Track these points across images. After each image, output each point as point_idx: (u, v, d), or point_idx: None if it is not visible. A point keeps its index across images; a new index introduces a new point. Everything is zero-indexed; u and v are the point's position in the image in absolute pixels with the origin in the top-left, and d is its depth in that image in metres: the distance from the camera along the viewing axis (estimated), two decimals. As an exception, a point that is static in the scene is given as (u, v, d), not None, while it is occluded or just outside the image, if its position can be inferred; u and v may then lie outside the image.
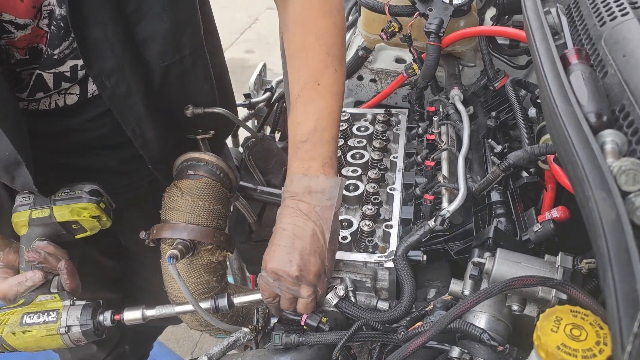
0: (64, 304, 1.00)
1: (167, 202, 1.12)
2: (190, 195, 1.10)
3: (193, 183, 1.12)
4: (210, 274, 1.12)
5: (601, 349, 0.62)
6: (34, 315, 0.98)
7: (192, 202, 1.09)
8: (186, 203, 1.09)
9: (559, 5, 0.99)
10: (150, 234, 1.11)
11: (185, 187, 1.11)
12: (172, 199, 1.11)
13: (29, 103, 1.02)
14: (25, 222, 1.05)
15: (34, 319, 0.97)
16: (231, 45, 5.26)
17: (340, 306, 0.93)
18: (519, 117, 1.09)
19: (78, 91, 1.04)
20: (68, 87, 1.02)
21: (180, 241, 1.07)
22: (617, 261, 0.53)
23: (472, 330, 0.77)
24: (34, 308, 0.99)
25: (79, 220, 1.06)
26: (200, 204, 1.09)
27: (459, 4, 1.30)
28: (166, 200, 1.12)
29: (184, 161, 1.16)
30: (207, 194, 1.11)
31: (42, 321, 0.97)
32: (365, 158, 1.21)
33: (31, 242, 1.04)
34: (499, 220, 0.99)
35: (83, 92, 1.04)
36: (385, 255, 0.97)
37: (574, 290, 0.73)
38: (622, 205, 0.56)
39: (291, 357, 0.92)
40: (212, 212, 1.11)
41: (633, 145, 0.65)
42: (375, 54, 1.62)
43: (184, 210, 1.09)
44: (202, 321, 1.18)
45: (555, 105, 0.70)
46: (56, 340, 0.98)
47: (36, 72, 0.97)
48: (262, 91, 1.84)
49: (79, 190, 1.07)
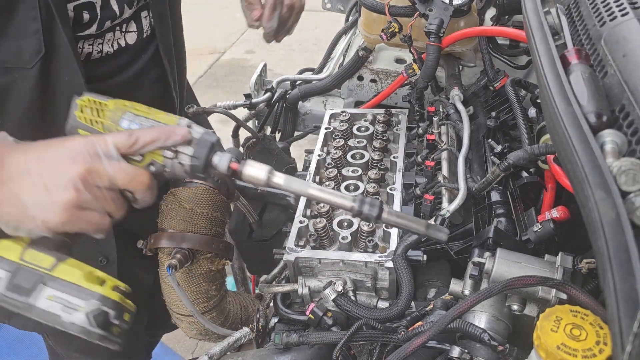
0: (179, 123, 0.83)
1: (165, 210, 1.11)
2: (188, 202, 1.09)
3: (190, 191, 1.11)
4: (209, 283, 1.12)
5: (601, 349, 0.63)
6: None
7: (189, 210, 1.09)
8: (183, 211, 1.09)
9: (559, 5, 0.99)
10: (148, 243, 1.11)
11: (182, 195, 1.11)
12: (169, 207, 1.10)
13: (95, 42, 1.06)
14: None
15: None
16: (231, 46, 5.26)
17: (338, 302, 0.93)
18: (519, 117, 1.09)
19: (135, 28, 1.14)
20: (129, 20, 1.12)
21: (179, 250, 1.06)
22: (617, 261, 0.53)
23: (472, 330, 0.77)
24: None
25: None
26: (198, 211, 1.09)
27: (459, 4, 1.30)
28: (163, 208, 1.12)
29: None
30: (205, 202, 1.11)
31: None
32: (366, 158, 1.21)
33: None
34: (499, 220, 0.99)
35: (139, 29, 1.15)
36: (386, 255, 0.98)
37: (573, 290, 0.73)
38: (622, 205, 0.56)
39: (291, 357, 0.92)
40: (211, 220, 1.10)
41: (633, 145, 0.65)
42: (375, 54, 1.62)
43: (181, 218, 1.08)
44: (201, 330, 1.18)
45: (555, 105, 0.71)
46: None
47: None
48: (262, 91, 1.83)
49: None
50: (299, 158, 1.61)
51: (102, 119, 0.82)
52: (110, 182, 0.77)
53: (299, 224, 1.05)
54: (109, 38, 1.10)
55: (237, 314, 1.23)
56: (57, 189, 0.75)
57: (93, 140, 0.78)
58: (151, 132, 0.80)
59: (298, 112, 1.78)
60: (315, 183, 1.15)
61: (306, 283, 1.00)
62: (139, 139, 0.79)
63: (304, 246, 1.02)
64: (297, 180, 0.83)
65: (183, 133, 0.81)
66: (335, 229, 1.03)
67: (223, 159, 0.81)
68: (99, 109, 0.82)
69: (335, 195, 0.82)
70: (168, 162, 0.81)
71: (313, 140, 1.43)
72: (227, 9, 5.54)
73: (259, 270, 1.62)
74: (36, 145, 0.80)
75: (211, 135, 0.82)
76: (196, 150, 0.80)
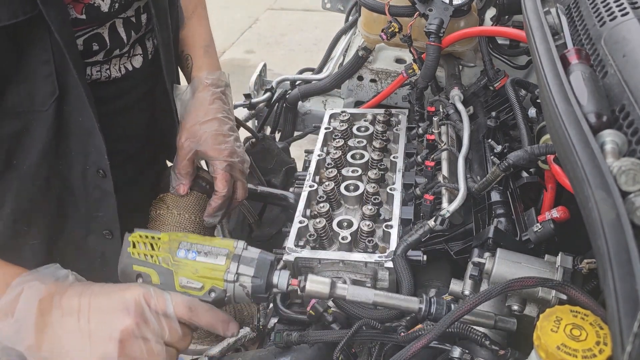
0: (236, 245, 0.83)
1: (154, 216, 1.11)
2: (176, 208, 1.10)
3: (178, 196, 1.12)
4: None
5: (601, 349, 0.62)
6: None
7: (177, 215, 1.09)
8: (172, 216, 1.09)
9: (559, 5, 0.99)
10: None
11: (170, 201, 1.11)
12: (157, 213, 1.11)
13: (102, 68, 1.06)
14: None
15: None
16: (231, 46, 5.25)
17: (337, 301, 0.93)
18: (519, 117, 1.09)
19: (141, 51, 1.14)
20: (135, 44, 1.12)
21: None
22: (617, 261, 0.53)
23: (473, 334, 0.77)
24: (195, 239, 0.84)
25: None
26: (186, 216, 1.09)
27: (459, 4, 1.30)
28: (152, 214, 1.12)
29: (169, 174, 1.16)
30: (193, 207, 1.11)
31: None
32: (366, 158, 1.21)
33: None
34: (499, 220, 0.99)
35: (144, 51, 1.15)
36: (385, 256, 0.97)
37: (573, 290, 0.73)
38: (622, 205, 0.56)
39: (291, 357, 0.92)
40: (199, 225, 1.11)
41: (633, 145, 0.65)
42: (375, 54, 1.62)
43: (170, 223, 1.09)
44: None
45: (555, 105, 0.70)
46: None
47: (109, 23, 1.04)
48: (262, 91, 1.84)
49: None
50: (299, 158, 1.61)
51: (157, 252, 0.81)
52: (157, 338, 0.76)
53: (298, 224, 1.05)
54: (115, 62, 1.09)
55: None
56: (101, 339, 0.74)
57: (151, 292, 0.77)
58: (210, 317, 0.81)
59: (298, 112, 1.78)
60: (315, 183, 1.15)
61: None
62: (196, 320, 0.79)
63: (304, 246, 1.02)
64: (360, 288, 0.83)
65: (234, 331, 0.84)
66: (335, 229, 1.03)
67: (282, 276, 0.82)
68: (152, 243, 0.82)
69: (400, 299, 0.83)
70: (230, 287, 0.81)
71: (313, 140, 1.43)
72: (226, 9, 5.55)
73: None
74: (92, 288, 0.79)
75: (268, 254, 0.84)
76: (256, 271, 0.81)
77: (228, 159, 1.13)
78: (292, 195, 1.30)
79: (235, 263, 0.81)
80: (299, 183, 1.22)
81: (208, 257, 0.81)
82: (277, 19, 5.83)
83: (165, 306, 0.77)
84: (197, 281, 0.80)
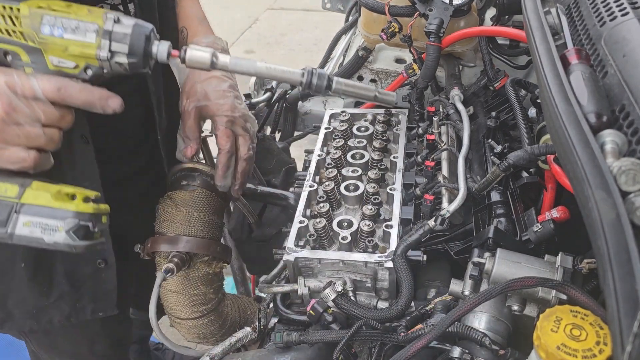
0: (106, 18, 0.75)
1: (161, 214, 1.11)
2: (185, 206, 1.09)
3: (187, 194, 1.11)
4: (207, 286, 1.12)
5: (601, 349, 0.63)
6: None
7: (186, 213, 1.09)
8: (180, 214, 1.09)
9: (559, 5, 0.99)
10: (145, 247, 1.11)
11: (179, 198, 1.11)
12: (166, 211, 1.10)
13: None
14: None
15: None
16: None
17: (337, 302, 0.93)
18: (519, 117, 1.09)
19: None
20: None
21: (176, 254, 1.06)
22: (617, 261, 0.53)
23: (473, 334, 0.77)
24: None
25: None
26: (195, 215, 1.09)
27: (459, 4, 1.30)
28: (160, 212, 1.12)
29: (177, 172, 1.16)
30: (202, 205, 1.11)
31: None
32: (366, 158, 1.21)
33: None
34: (499, 220, 0.99)
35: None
36: (385, 255, 0.98)
37: (573, 290, 0.73)
38: (622, 205, 0.56)
39: (291, 357, 0.92)
40: (208, 223, 1.10)
41: (633, 145, 0.65)
42: (375, 54, 1.62)
43: (178, 222, 1.08)
44: (199, 333, 1.18)
45: (555, 105, 0.71)
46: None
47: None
48: (262, 91, 1.84)
49: None
50: (299, 158, 1.60)
51: (19, 28, 0.74)
52: (32, 121, 0.75)
53: (298, 224, 1.05)
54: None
55: (235, 317, 1.23)
56: None
57: (14, 78, 0.75)
58: (85, 95, 0.78)
59: (298, 112, 1.78)
60: (315, 183, 1.15)
61: (306, 283, 1.00)
62: (68, 98, 0.77)
63: (304, 246, 1.02)
64: (243, 59, 0.82)
65: (115, 106, 0.80)
66: (335, 229, 1.03)
67: (162, 48, 0.78)
68: (11, 15, 0.74)
69: (283, 70, 0.83)
70: (105, 64, 0.77)
71: (313, 140, 1.43)
72: (227, 9, 5.55)
73: (259, 271, 1.62)
74: None
75: (143, 25, 0.78)
76: (131, 47, 0.76)
77: (228, 113, 1.12)
78: (292, 195, 1.30)
79: (106, 40, 0.75)
80: (299, 183, 1.22)
81: (76, 34, 0.75)
82: (277, 18, 5.84)
83: (33, 90, 0.75)
84: (69, 60, 0.76)
